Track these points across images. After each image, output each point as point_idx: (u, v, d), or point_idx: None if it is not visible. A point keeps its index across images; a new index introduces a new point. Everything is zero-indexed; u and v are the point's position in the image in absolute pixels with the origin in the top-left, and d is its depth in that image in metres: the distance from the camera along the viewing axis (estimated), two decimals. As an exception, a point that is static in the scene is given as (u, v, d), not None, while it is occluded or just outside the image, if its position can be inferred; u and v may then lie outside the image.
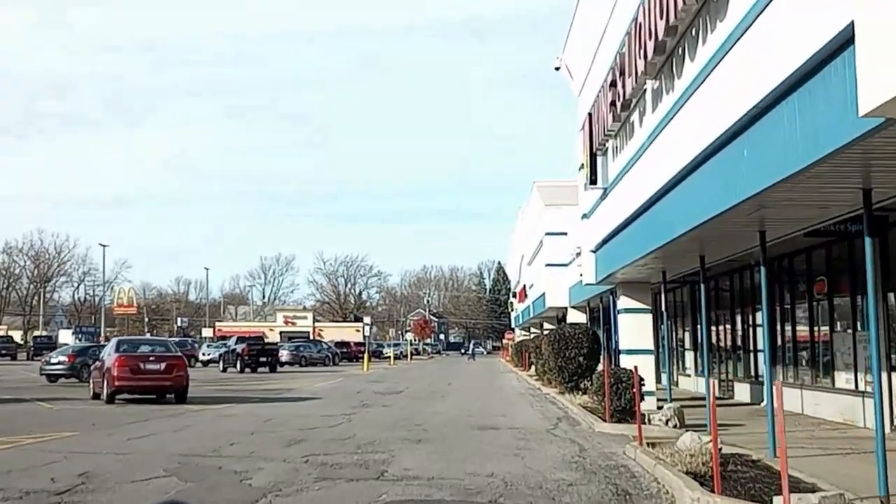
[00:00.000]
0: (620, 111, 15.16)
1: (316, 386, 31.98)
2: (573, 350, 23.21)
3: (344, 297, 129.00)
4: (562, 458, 11.98)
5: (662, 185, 13.16)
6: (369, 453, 12.25)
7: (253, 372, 45.81)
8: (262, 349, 45.61)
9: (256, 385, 32.78)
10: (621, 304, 21.61)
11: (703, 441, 11.69)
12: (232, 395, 25.94)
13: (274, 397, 25.37)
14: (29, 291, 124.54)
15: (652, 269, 18.98)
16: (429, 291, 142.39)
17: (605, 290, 25.97)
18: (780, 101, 8.33)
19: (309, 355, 57.97)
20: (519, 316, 58.81)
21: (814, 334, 18.37)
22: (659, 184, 13.40)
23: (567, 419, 18.02)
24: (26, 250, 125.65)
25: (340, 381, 35.79)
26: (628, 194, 16.46)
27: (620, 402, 16.10)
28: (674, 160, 12.38)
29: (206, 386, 32.33)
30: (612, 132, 16.73)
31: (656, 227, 14.52)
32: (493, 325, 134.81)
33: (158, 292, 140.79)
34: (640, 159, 14.78)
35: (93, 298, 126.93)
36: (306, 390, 29.00)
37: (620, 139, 17.10)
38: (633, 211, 16.13)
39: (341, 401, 23.52)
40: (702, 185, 11.38)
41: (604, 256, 20.45)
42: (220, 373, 46.10)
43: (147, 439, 13.96)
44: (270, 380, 37.39)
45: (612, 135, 17.03)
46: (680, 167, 12.02)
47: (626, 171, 16.35)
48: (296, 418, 17.99)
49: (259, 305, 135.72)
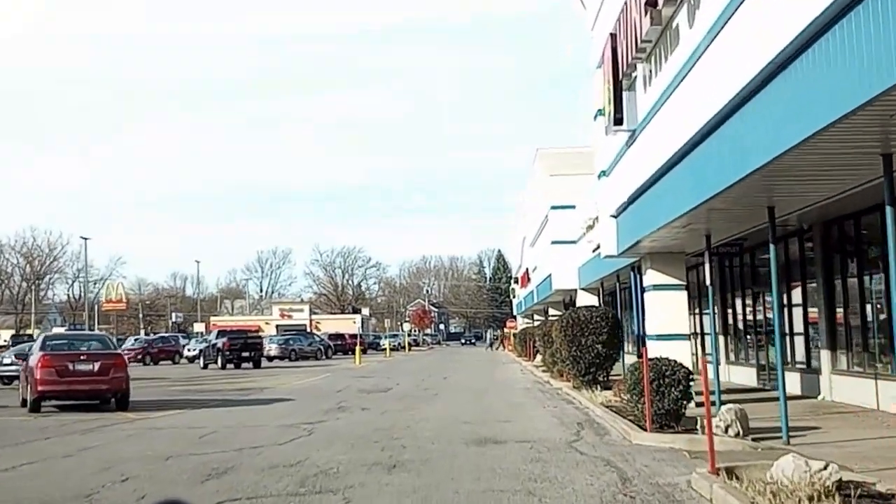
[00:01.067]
0: (664, 5, 11.02)
1: (296, 383, 27.97)
2: (590, 337, 19.12)
3: (342, 289, 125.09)
4: (599, 496, 7.91)
5: (732, 96, 9.03)
6: (315, 494, 8.20)
7: (237, 368, 41.80)
8: (245, 343, 41.53)
9: (230, 383, 28.79)
10: (648, 280, 17.53)
11: (811, 469, 7.61)
12: (191, 398, 21.90)
13: (239, 399, 21.32)
14: (21, 289, 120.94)
15: (691, 233, 14.87)
16: (429, 281, 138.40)
17: (622, 266, 21.87)
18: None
19: (299, 349, 53.87)
20: (521, 303, 54.58)
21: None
22: (725, 97, 9.28)
23: (590, 425, 13.91)
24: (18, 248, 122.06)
25: (326, 377, 31.75)
26: (668, 130, 12.35)
27: (663, 404, 12.01)
28: (756, 52, 8.26)
29: (175, 386, 28.35)
30: (647, 46, 12.57)
31: (715, 166, 10.41)
32: (493, 314, 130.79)
33: (154, 288, 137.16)
34: (692, 72, 10.64)
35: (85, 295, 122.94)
36: (282, 389, 24.98)
37: (656, 61, 12.95)
38: (674, 152, 12.03)
39: (314, 403, 19.48)
40: (814, 79, 7.27)
41: (629, 220, 16.35)
42: (201, 370, 42.10)
43: (6, 474, 9.85)
44: (250, 377, 33.38)
45: (645, 51, 12.87)
46: (770, 58, 7.90)
47: (665, 97, 12.22)
48: (244, 430, 13.94)
49: (256, 299, 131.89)
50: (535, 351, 38.21)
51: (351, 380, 29.36)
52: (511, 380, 27.98)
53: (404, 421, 14.85)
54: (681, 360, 12.77)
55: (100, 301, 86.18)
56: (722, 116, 9.69)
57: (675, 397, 12.07)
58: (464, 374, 32.74)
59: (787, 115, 8.01)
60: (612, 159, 16.88)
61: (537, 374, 29.15)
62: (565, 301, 37.23)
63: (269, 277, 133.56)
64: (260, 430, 13.77)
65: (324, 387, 25.86)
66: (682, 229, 14.36)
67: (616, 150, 16.35)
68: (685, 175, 12.05)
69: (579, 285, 29.20)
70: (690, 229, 14.37)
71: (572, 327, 19.32)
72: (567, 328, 19.47)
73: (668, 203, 13.26)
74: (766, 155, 8.64)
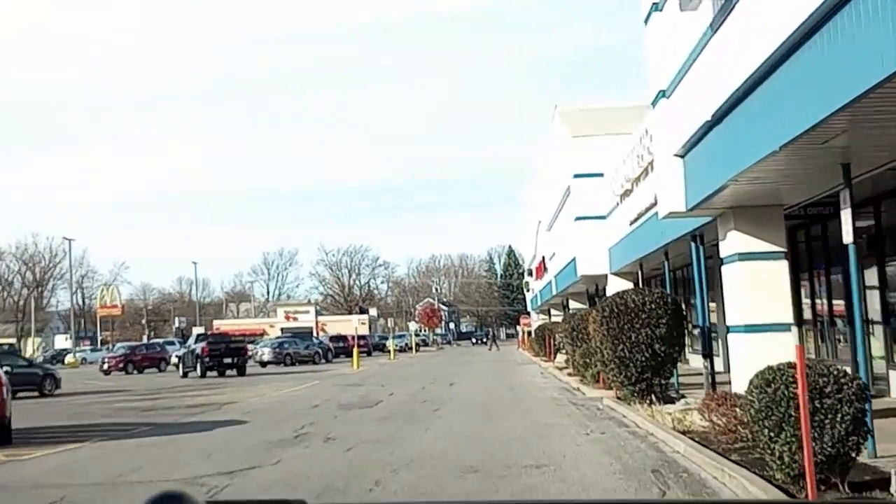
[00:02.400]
0: None
1: (271, 396, 22.62)
2: (643, 330, 13.63)
3: (348, 289, 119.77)
4: None
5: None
6: None
7: (221, 376, 36.49)
8: (227, 348, 36.10)
9: (195, 396, 23.56)
10: (731, 248, 12.08)
11: None
12: (120, 422, 16.62)
13: (179, 422, 16.02)
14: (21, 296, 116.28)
15: (816, 166, 9.39)
16: (438, 280, 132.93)
17: (672, 239, 16.41)
18: None
19: (295, 353, 48.43)
20: (536, 297, 48.86)
21: None
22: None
23: (676, 475, 8.34)
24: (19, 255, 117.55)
25: (312, 386, 26.37)
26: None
27: (821, 444, 6.57)
28: None
29: (128, 402, 23.08)
30: None
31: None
32: (505, 311, 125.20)
33: (160, 293, 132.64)
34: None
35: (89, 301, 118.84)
36: (248, 405, 19.67)
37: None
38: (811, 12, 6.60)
39: (270, 428, 14.09)
40: None
41: (708, 157, 10.89)
42: (180, 378, 36.80)
43: None
44: (226, 387, 28.06)
45: None
46: None
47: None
48: (114, 491, 8.55)
49: (262, 302, 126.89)
50: (555, 350, 32.73)
51: (338, 390, 23.95)
52: (531, 386, 22.45)
53: (376, 468, 9.38)
54: (785, 361, 7.36)
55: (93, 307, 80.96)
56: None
57: (842, 433, 6.61)
58: (474, 379, 27.27)
59: None
60: (678, 68, 11.34)
61: (562, 378, 23.66)
62: (590, 292, 31.68)
63: (275, 279, 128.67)
64: (137, 490, 8.37)
65: (300, 400, 20.45)
66: (806, 157, 8.90)
67: (686, 51, 10.84)
68: (832, 55, 6.60)
69: (610, 269, 23.68)
70: (819, 157, 8.87)
71: (618, 317, 13.82)
72: (610, 319, 13.96)
73: (789, 111, 7.83)
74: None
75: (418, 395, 20.27)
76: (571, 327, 20.99)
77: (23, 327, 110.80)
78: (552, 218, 32.16)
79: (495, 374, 29.10)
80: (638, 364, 13.71)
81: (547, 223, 35.14)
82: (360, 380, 28.95)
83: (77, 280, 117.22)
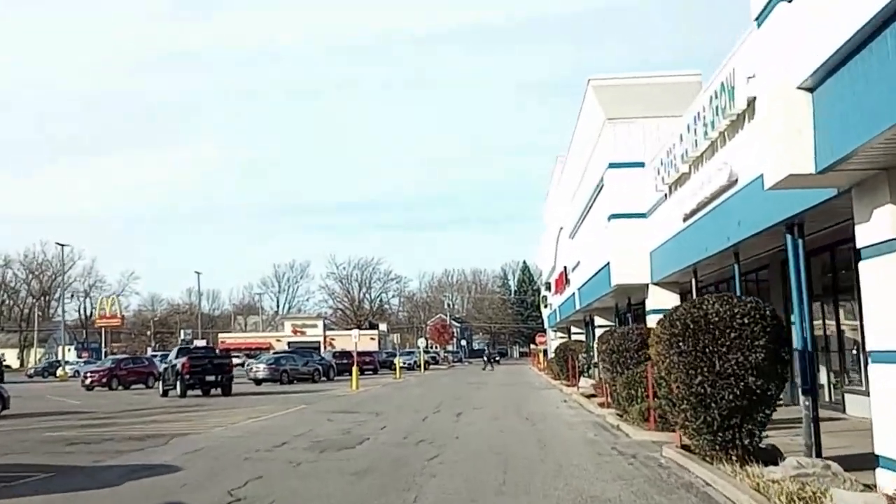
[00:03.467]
0: None
1: (238, 426, 18.42)
2: (733, 356, 9.32)
3: (359, 303, 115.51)
4: None
5: None
6: None
7: (206, 395, 32.35)
8: (210, 364, 31.91)
9: (150, 423, 19.60)
10: (881, 231, 7.80)
11: None
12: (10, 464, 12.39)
13: (89, 465, 11.99)
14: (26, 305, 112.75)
15: None
16: (451, 295, 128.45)
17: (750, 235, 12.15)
18: None
19: (292, 370, 44.12)
20: (555, 313, 44.31)
21: None
22: None
23: None
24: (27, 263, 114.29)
25: (295, 412, 22.16)
26: None
27: None
28: None
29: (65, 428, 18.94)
30: None
31: None
32: (519, 328, 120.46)
33: (169, 304, 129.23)
34: None
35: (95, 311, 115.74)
36: (203, 438, 15.55)
37: None
38: None
39: (198, 488, 9.86)
40: None
41: (869, 81, 6.63)
42: (159, 398, 32.64)
43: None
44: (197, 410, 23.98)
45: None
46: None
47: None
48: None
49: (271, 315, 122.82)
50: (579, 372, 28.36)
51: (322, 418, 19.70)
52: (557, 420, 18.04)
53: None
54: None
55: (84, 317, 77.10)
56: None
57: None
58: (485, 407, 22.92)
59: None
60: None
61: (591, 410, 19.30)
62: (620, 307, 27.32)
63: (285, 293, 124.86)
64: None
65: (268, 434, 16.17)
66: None
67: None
68: None
69: (651, 278, 19.36)
70: None
71: (694, 336, 9.50)
72: (683, 338, 9.63)
73: None
74: None
75: (415, 432, 15.94)
76: (611, 348, 16.60)
77: (26, 337, 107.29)
78: (577, 220, 27.77)
79: (510, 402, 24.66)
80: (724, 404, 9.37)
81: (570, 228, 30.76)
82: (353, 405, 24.68)
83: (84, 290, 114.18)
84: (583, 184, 25.95)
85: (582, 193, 25.92)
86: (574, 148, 29.62)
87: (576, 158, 28.80)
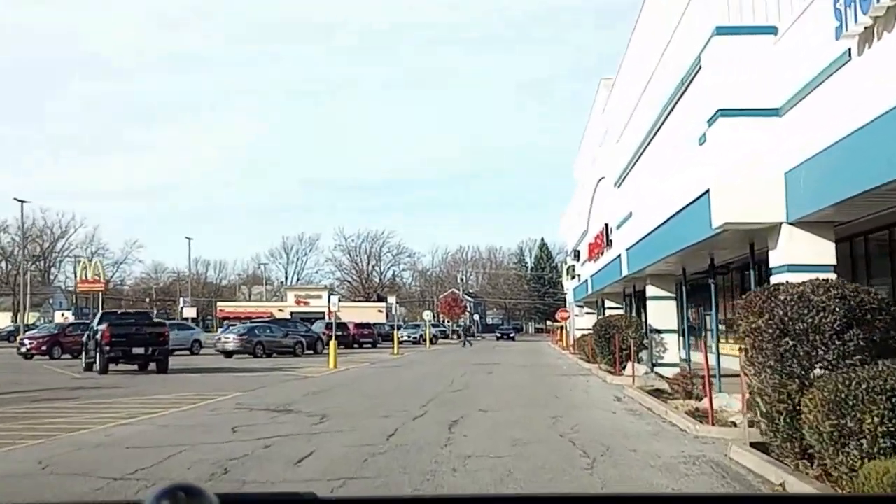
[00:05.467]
0: None
1: (80, 435, 10.47)
2: None
3: (367, 276, 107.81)
4: None
5: None
6: None
7: (142, 370, 24.60)
8: (139, 333, 23.92)
9: None
10: None
11: None
12: None
13: None
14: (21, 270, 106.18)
15: None
16: (465, 271, 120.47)
17: None
18: None
19: (269, 342, 36.32)
20: (586, 284, 35.69)
21: None
22: None
23: None
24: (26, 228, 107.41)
25: (203, 410, 14.31)
26: None
27: None
28: None
29: None
30: None
31: None
32: (535, 305, 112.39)
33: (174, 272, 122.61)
34: None
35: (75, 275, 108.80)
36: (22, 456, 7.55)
37: None
38: None
39: None
40: None
41: None
42: (82, 371, 24.88)
43: None
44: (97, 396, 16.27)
45: None
46: None
47: None
48: None
49: (277, 286, 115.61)
50: (628, 357, 20.30)
51: (222, 429, 11.72)
52: (626, 452, 10.05)
53: None
54: None
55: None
56: None
57: None
58: (497, 405, 14.85)
59: None
60: None
61: (671, 419, 11.33)
62: (687, 272, 19.13)
63: (294, 264, 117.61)
64: None
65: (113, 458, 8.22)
66: None
67: None
68: None
69: (788, 216, 11.12)
70: None
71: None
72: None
73: None
74: None
75: (363, 470, 7.92)
76: (778, 324, 7.54)
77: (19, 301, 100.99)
78: (634, 155, 19.31)
79: (535, 400, 16.24)
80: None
81: (619, 173, 22.47)
82: (304, 396, 16.66)
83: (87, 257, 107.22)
84: (649, 89, 17.57)
85: (649, 106, 17.48)
86: (632, 53, 21.18)
87: (635, 67, 20.34)
